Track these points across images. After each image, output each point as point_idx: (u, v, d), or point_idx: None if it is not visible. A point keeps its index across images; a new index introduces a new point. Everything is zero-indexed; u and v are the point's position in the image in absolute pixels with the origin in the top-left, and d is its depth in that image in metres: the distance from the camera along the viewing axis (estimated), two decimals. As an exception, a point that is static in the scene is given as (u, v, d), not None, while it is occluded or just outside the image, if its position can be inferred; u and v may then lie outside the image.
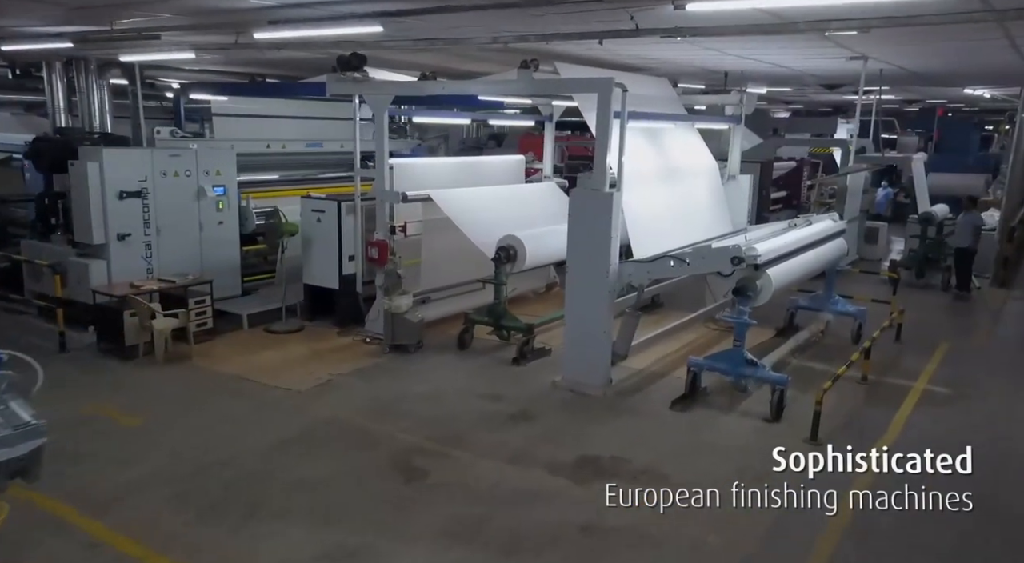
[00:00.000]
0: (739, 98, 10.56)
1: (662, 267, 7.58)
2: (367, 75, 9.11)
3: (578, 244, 7.77)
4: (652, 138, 9.31)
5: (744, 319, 7.40)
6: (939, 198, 22.47)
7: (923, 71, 10.37)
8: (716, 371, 7.70)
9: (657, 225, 8.66)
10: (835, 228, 9.75)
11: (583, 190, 7.66)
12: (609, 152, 7.50)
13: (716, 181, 10.56)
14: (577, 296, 7.85)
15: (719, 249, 7.25)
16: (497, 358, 8.89)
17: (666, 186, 9.27)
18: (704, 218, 9.93)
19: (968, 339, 10.56)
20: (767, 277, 7.46)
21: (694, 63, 10.13)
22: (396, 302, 8.79)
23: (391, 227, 9.23)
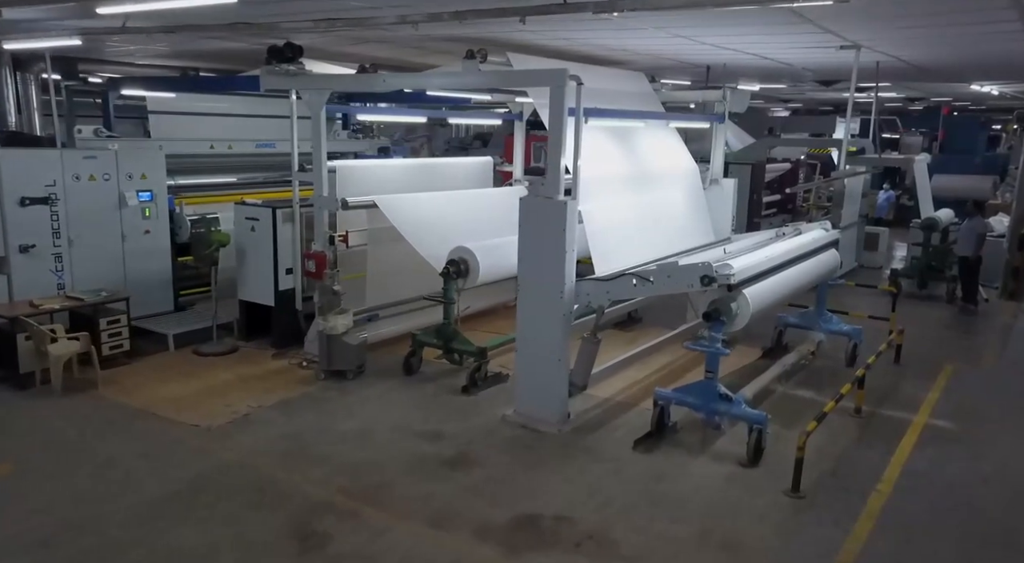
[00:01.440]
0: (722, 94, 9.57)
1: (623, 287, 6.61)
2: (303, 68, 8.16)
3: (529, 260, 6.81)
4: (621, 138, 8.33)
5: (716, 348, 6.43)
6: (944, 201, 21.52)
7: (924, 64, 9.38)
8: (685, 406, 6.73)
9: (624, 237, 7.68)
10: (826, 238, 8.77)
11: (534, 198, 6.70)
12: (564, 154, 6.53)
13: (696, 186, 9.58)
14: (528, 319, 6.89)
15: (687, 267, 6.27)
16: (446, 385, 7.93)
17: (636, 192, 8.29)
18: (681, 228, 8.94)
19: (975, 360, 9.57)
20: (744, 299, 6.49)
21: (669, 55, 9.16)
22: (332, 322, 7.84)
23: (330, 237, 8.27)
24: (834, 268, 8.92)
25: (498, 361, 8.25)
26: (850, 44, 7.39)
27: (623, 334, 10.11)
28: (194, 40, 8.49)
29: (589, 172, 7.37)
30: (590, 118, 7.12)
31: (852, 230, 15.11)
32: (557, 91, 6.42)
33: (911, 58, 8.66)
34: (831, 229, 9.13)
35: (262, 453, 6.23)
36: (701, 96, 9.95)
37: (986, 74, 11.70)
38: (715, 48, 8.10)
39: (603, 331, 10.16)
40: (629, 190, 8.15)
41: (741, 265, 6.57)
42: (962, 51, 8.23)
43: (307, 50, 8.31)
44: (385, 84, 7.54)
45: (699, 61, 9.72)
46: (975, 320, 11.72)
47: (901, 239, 16.73)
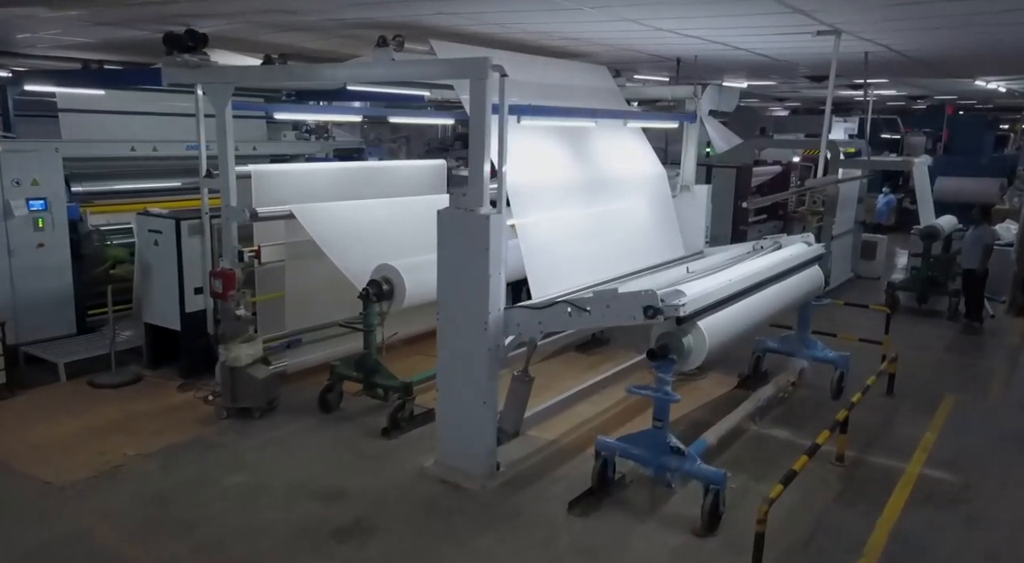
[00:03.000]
0: (693, 91, 8.50)
1: (557, 317, 5.54)
2: (207, 59, 7.12)
3: (448, 284, 5.76)
4: (571, 141, 7.27)
5: (664, 392, 5.36)
6: (948, 205, 20.40)
7: (919, 55, 8.29)
8: (631, 459, 5.67)
9: (568, 255, 6.62)
10: (808, 254, 7.70)
11: (453, 211, 5.65)
12: (488, 159, 5.49)
13: (663, 194, 8.51)
14: (449, 354, 5.84)
15: (628, 295, 5.21)
16: (366, 426, 6.88)
17: (587, 202, 7.24)
18: (643, 242, 7.88)
19: (979, 390, 8.46)
20: (699, 332, 5.43)
21: (626, 45, 8.11)
22: (234, 353, 6.79)
23: (239, 253, 7.23)
24: (817, 287, 7.85)
25: (432, 395, 7.20)
26: (828, 29, 6.34)
27: (584, 358, 9.06)
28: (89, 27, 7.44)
29: (525, 180, 6.35)
30: (525, 116, 6.09)
31: (847, 238, 14.03)
32: (478, 84, 5.36)
33: (904, 48, 7.59)
34: (814, 242, 8.04)
35: (115, 519, 5.18)
36: (671, 92, 8.89)
37: (993, 68, 10.61)
38: (673, 35, 7.05)
39: (562, 355, 9.29)
40: (578, 200, 7.10)
41: (697, 291, 5.52)
42: (964, 40, 7.17)
43: (214, 39, 7.27)
44: (291, 76, 6.52)
45: (664, 53, 8.65)
46: (980, 340, 10.61)
47: (903, 246, 15.63)
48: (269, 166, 8.17)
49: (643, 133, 8.68)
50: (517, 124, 6.11)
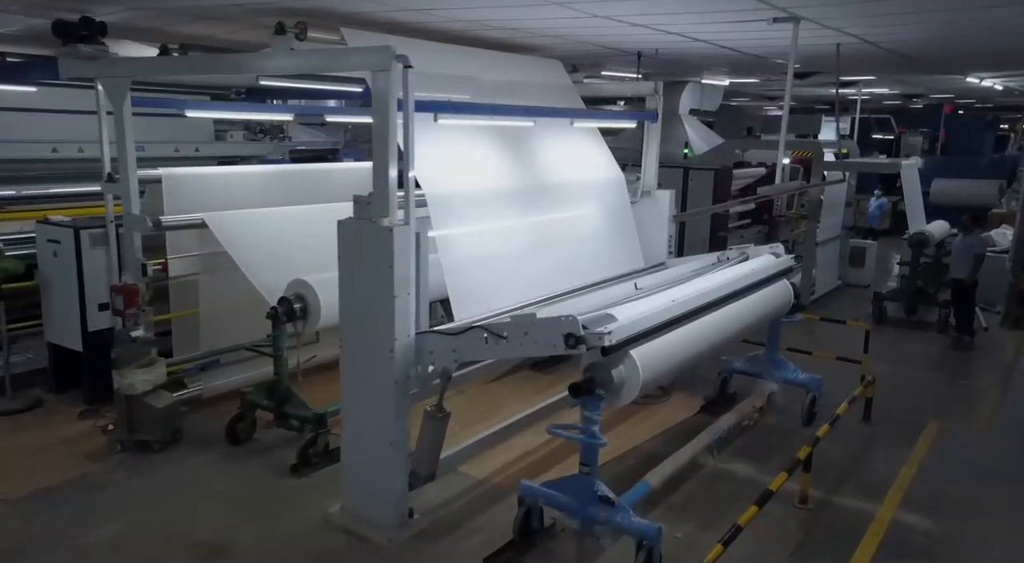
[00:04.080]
0: (653, 87, 7.77)
1: (473, 344, 4.82)
2: (105, 50, 6.42)
3: (350, 306, 5.06)
4: (510, 142, 6.56)
5: (591, 434, 4.64)
6: (944, 209, 19.70)
7: (896, 47, 7.54)
8: (555, 508, 4.95)
9: (499, 271, 5.90)
10: (775, 267, 6.96)
11: (354, 222, 4.93)
12: (392, 164, 4.77)
13: (620, 200, 7.79)
14: (353, 386, 5.13)
15: (547, 321, 4.48)
16: (277, 461, 6.16)
17: (526, 211, 6.52)
18: (594, 255, 7.16)
19: (967, 415, 7.72)
20: (632, 363, 4.71)
21: (580, 37, 7.40)
22: (129, 379, 6.09)
23: (142, 266, 6.52)
24: (785, 303, 7.11)
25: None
26: (784, 15, 5.61)
27: (540, 378, 8.33)
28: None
29: (447, 187, 5.63)
30: (444, 114, 5.38)
31: (834, 244, 13.30)
32: (380, 77, 4.64)
33: (878, 39, 6.86)
34: (783, 253, 7.31)
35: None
36: (631, 89, 8.17)
37: (981, 63, 9.86)
38: (620, 25, 6.33)
39: (515, 374, 8.56)
40: (516, 209, 6.38)
41: (631, 315, 4.78)
42: (939, 32, 6.45)
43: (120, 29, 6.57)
44: (190, 68, 5.81)
45: (620, 45, 7.92)
46: (970, 357, 9.87)
47: (897, 251, 14.86)
48: (182, 169, 7.44)
49: (599, 134, 7.97)
50: (434, 123, 5.42)
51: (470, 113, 5.42)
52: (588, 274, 6.83)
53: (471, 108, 5.42)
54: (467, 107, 5.45)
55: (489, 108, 5.62)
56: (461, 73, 6.60)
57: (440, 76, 6.16)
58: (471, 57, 7.05)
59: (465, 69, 6.69)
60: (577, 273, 6.77)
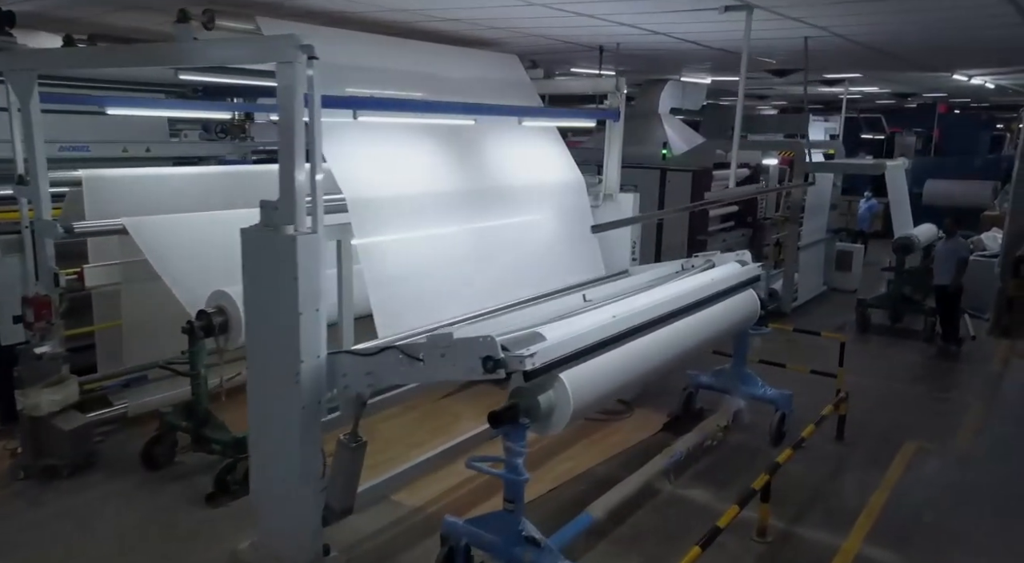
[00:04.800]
0: (614, 84, 7.30)
1: (389, 366, 4.33)
2: (13, 41, 5.96)
3: (255, 323, 4.58)
4: (452, 142, 6.09)
5: (514, 469, 4.16)
6: (937, 210, 19.22)
7: (871, 41, 7.05)
8: (480, 547, 4.47)
9: (437, 283, 5.44)
10: (739, 276, 6.49)
11: (258, 230, 4.46)
12: (299, 165, 4.31)
13: (578, 204, 7.33)
14: (259, 412, 4.65)
15: (464, 342, 4.00)
16: (194, 488, 5.68)
17: (472, 217, 6.06)
18: (546, 263, 6.69)
19: (947, 433, 7.23)
20: (562, 388, 4.23)
21: (531, 29, 6.93)
22: (33, 399, 5.62)
23: (54, 276, 6.05)
24: (751, 314, 6.64)
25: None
26: (736, 3, 5.13)
27: (499, 392, 7.80)
28: None
29: (372, 190, 5.17)
30: (366, 111, 4.91)
31: (818, 248, 12.82)
32: (284, 70, 4.18)
33: (847, 32, 6.38)
34: (749, 261, 6.84)
35: None
36: (592, 86, 7.69)
37: (961, 60, 9.38)
38: (570, 16, 5.84)
39: (473, 388, 8.08)
40: (456, 215, 5.91)
41: (563, 334, 4.31)
42: (909, 24, 5.96)
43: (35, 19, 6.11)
44: (93, 61, 5.36)
45: (577, 39, 7.44)
46: (955, 368, 9.39)
47: (888, 255, 14.35)
48: (105, 171, 6.97)
49: (557, 133, 7.51)
50: (357, 120, 4.95)
51: (396, 110, 4.94)
52: (541, 284, 6.36)
53: (397, 104, 4.94)
54: (393, 104, 4.97)
55: (420, 104, 5.14)
56: (402, 67, 6.15)
57: (373, 70, 5.72)
58: (415, 51, 6.57)
59: (406, 63, 6.23)
60: (528, 283, 6.30)
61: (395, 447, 6.43)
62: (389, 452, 6.29)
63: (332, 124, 4.96)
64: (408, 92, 5.79)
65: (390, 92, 5.58)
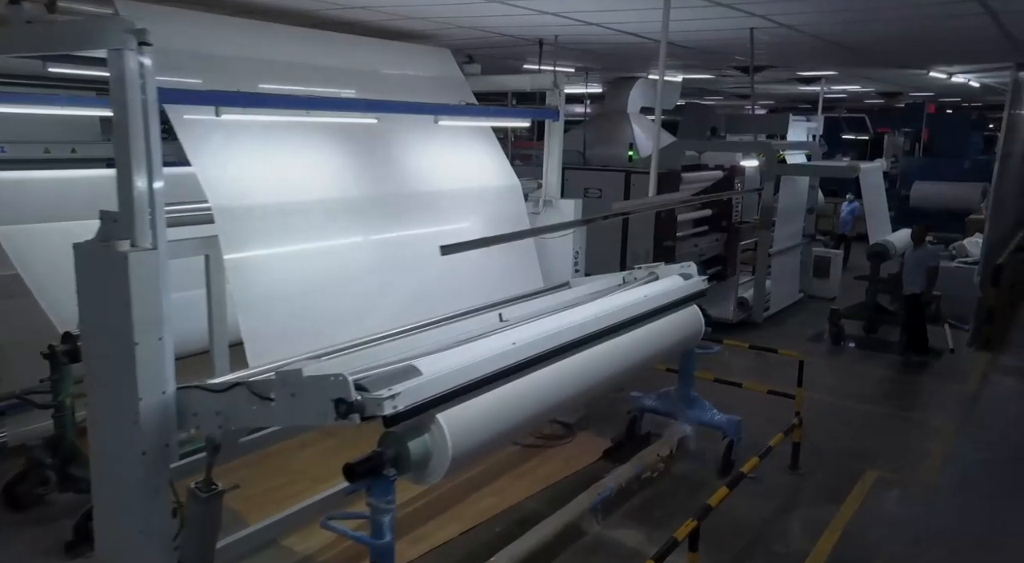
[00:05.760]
0: (553, 80, 6.70)
1: (238, 405, 3.72)
2: None
3: (91, 353, 3.97)
4: (358, 142, 5.48)
5: (378, 530, 3.54)
6: (924, 212, 18.67)
7: (820, 33, 6.45)
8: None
9: (320, 304, 4.82)
10: (680, 291, 5.88)
11: (92, 246, 3.84)
12: (138, 171, 3.70)
13: (514, 211, 6.74)
14: (100, 456, 4.04)
15: (313, 380, 3.39)
16: (58, 533, 5.05)
17: (380, 227, 5.45)
18: (471, 277, 6.08)
19: (912, 460, 6.62)
20: (439, 431, 3.62)
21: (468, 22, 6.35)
22: None
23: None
24: (694, 332, 6.03)
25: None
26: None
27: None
28: None
29: (245, 198, 4.56)
30: (231, 108, 4.29)
31: (793, 254, 12.22)
32: (114, 58, 3.58)
33: (794, 22, 5.78)
34: (695, 274, 6.23)
35: None
36: (529, 82, 7.08)
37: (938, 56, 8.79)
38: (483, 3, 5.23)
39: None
40: (356, 224, 5.29)
41: (442, 368, 3.70)
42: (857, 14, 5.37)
43: None
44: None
45: (504, 30, 6.85)
46: (929, 384, 8.78)
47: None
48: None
49: (491, 134, 6.91)
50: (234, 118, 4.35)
51: (270, 106, 4.32)
52: (467, 299, 5.74)
53: (272, 100, 4.32)
54: (266, 99, 4.35)
55: (303, 101, 4.52)
56: (309, 61, 5.55)
57: (276, 63, 5.15)
58: (329, 44, 5.97)
59: (315, 56, 5.63)
60: (451, 299, 5.68)
61: (301, 481, 5.82)
62: (296, 486, 5.70)
63: (196, 122, 4.37)
64: (315, 88, 5.20)
65: (297, 88, 5.01)
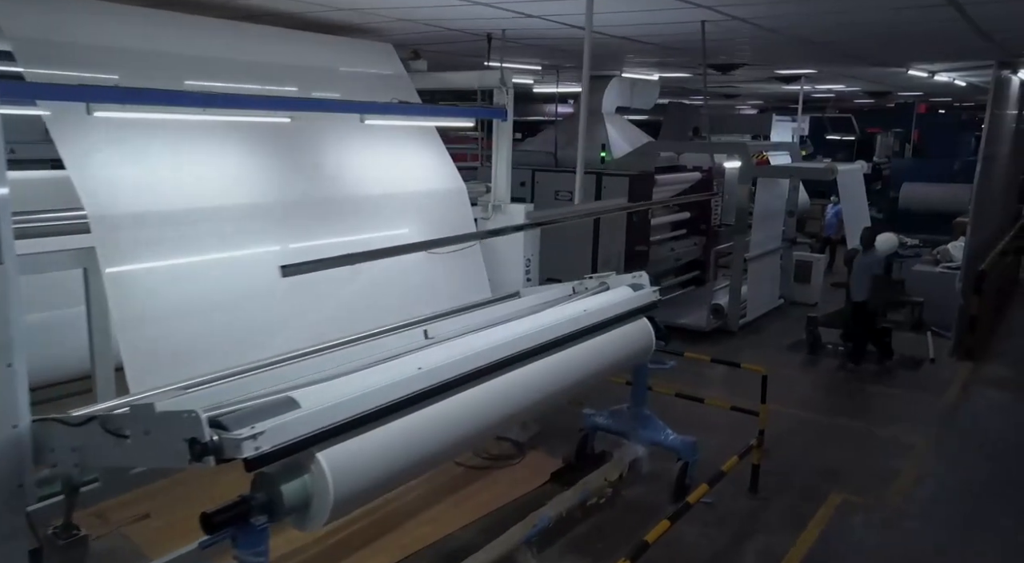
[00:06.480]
0: (500, 77, 6.29)
1: (96, 441, 3.29)
2: None
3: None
4: (275, 142, 5.07)
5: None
6: (913, 214, 18.29)
7: (776, 26, 6.03)
8: None
9: (220, 321, 4.41)
10: (628, 304, 5.47)
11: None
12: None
13: (458, 217, 6.34)
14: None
15: (166, 417, 2.98)
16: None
17: (296, 235, 5.04)
18: (407, 287, 5.68)
19: (881, 482, 6.21)
20: (319, 474, 3.20)
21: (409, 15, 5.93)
22: None
23: None
24: (643, 347, 5.61)
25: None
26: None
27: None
28: None
29: (132, 205, 4.15)
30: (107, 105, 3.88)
31: (772, 258, 11.80)
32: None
33: (749, 16, 5.36)
34: (647, 284, 5.82)
35: None
36: (477, 80, 6.66)
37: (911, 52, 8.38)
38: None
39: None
40: (269, 232, 4.88)
41: (326, 400, 3.28)
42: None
43: None
44: None
45: (448, 23, 6.43)
46: (906, 397, 8.33)
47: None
48: None
49: (435, 134, 6.50)
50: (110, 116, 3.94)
51: (152, 104, 3.90)
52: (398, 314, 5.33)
53: (153, 97, 3.90)
54: (145, 96, 3.92)
55: (195, 98, 4.10)
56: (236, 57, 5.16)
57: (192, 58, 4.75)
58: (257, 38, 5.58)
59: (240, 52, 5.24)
60: (379, 313, 5.27)
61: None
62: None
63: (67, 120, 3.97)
64: (241, 85, 4.82)
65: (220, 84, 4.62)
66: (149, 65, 4.49)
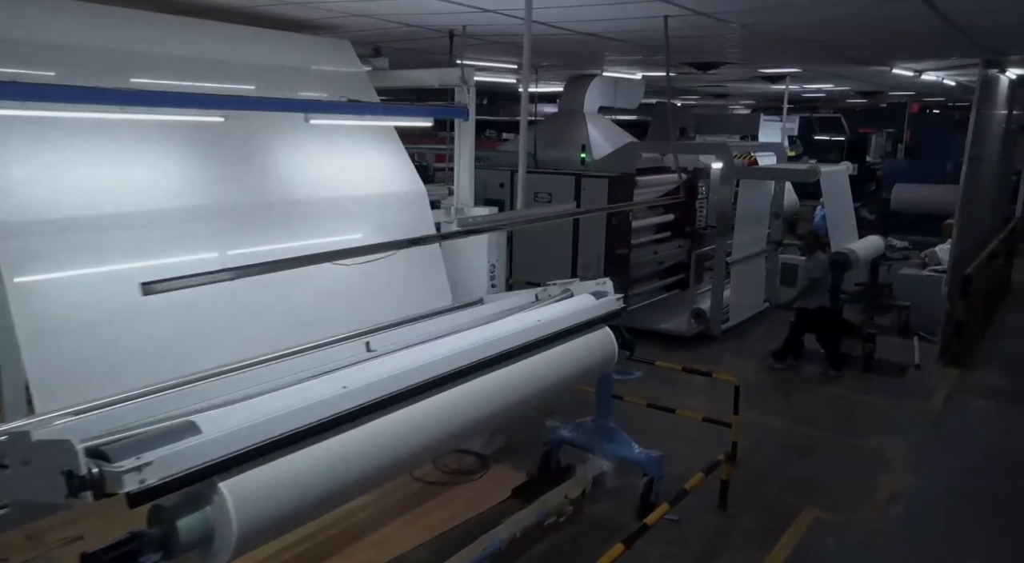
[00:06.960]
0: (461, 75, 6.02)
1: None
2: None
3: None
4: (216, 143, 4.80)
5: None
6: (905, 215, 18.03)
7: (750, 21, 5.75)
8: None
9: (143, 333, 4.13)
10: (588, 313, 5.21)
11: None
12: None
13: (416, 221, 6.05)
14: None
15: (42, 446, 2.71)
16: None
17: (237, 241, 4.77)
18: (356, 295, 5.40)
19: (856, 496, 5.94)
20: (221, 506, 2.93)
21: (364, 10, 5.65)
22: None
23: None
24: (605, 358, 5.33)
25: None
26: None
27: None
28: None
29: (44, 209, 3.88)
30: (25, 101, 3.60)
31: (756, 261, 11.55)
32: None
33: (714, 10, 5.07)
34: (610, 291, 5.54)
35: None
36: (437, 78, 6.39)
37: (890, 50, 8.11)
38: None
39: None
40: (204, 239, 4.61)
41: (236, 423, 3.02)
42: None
43: None
44: None
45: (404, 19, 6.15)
46: (889, 405, 8.07)
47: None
48: None
49: (394, 134, 6.23)
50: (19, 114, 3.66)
51: (51, 101, 3.61)
52: (348, 324, 5.06)
53: (53, 93, 3.61)
54: (62, 92, 3.64)
55: (112, 95, 3.82)
56: (181, 53, 4.91)
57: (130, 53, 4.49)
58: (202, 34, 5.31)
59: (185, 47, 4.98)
60: (327, 323, 4.99)
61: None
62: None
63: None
64: (186, 82, 4.55)
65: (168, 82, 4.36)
66: (87, 62, 4.24)
